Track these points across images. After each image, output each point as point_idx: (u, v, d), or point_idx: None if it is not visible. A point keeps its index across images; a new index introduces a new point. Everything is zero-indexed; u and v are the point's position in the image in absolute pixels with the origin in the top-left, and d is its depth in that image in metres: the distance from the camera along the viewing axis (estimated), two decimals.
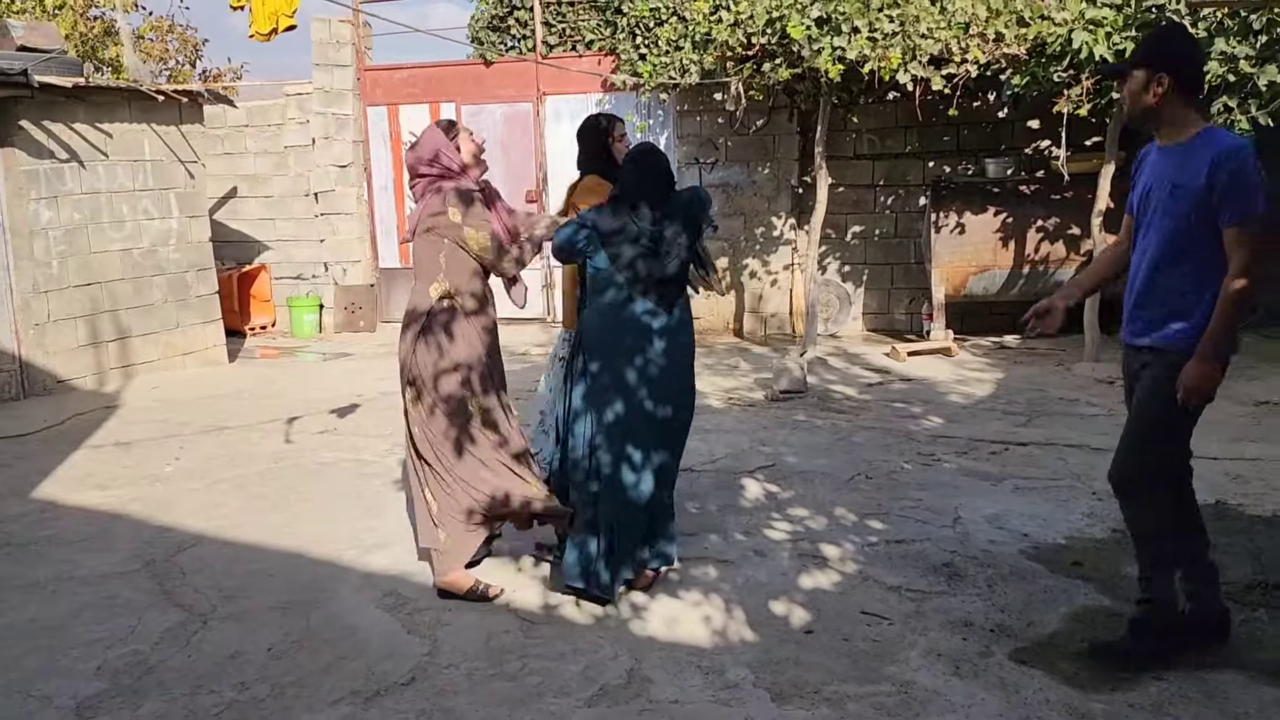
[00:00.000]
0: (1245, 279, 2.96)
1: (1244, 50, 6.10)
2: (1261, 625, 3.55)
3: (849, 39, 6.97)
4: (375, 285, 10.88)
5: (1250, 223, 2.95)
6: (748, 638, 3.59)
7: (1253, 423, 6.05)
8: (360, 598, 4.00)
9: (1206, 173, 3.00)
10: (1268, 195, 2.98)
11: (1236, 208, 2.96)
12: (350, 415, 6.94)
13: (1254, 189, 2.95)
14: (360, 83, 10.60)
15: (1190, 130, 3.10)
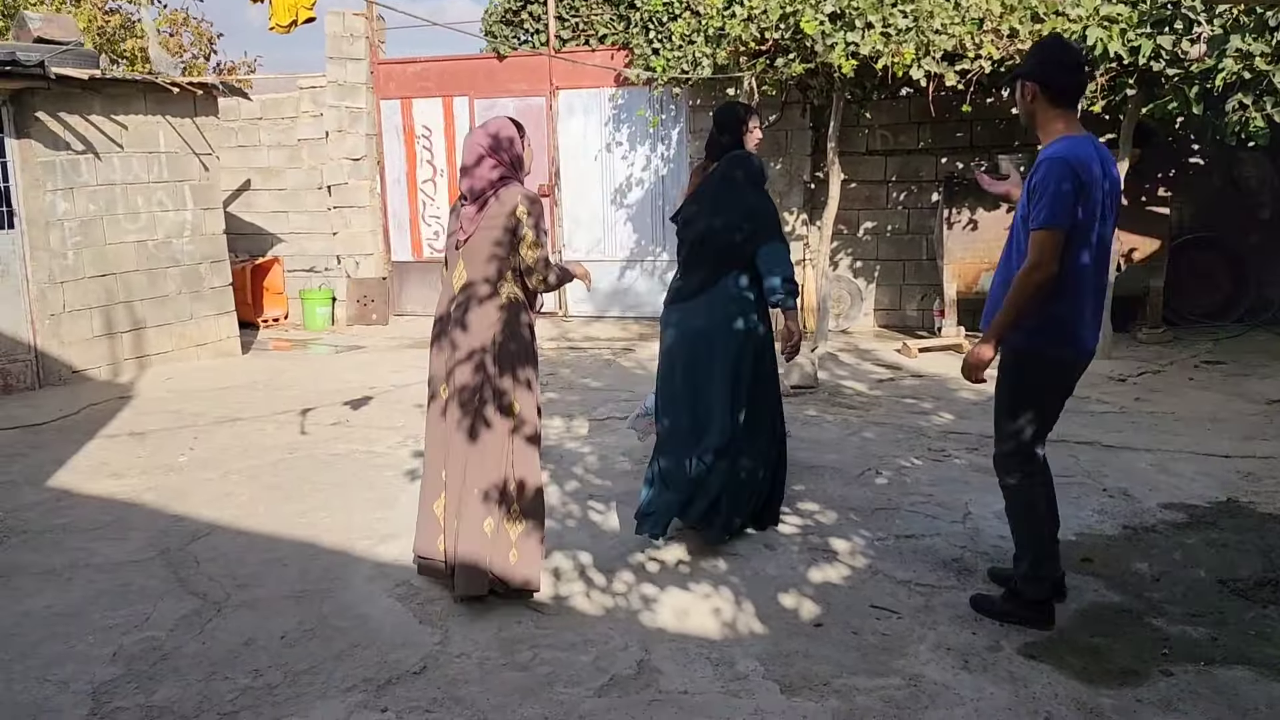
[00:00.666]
0: (1029, 276, 3.24)
1: (1259, 48, 6.07)
2: (1272, 622, 3.55)
3: (862, 34, 6.97)
4: (387, 278, 10.92)
5: (1042, 229, 3.20)
6: (757, 630, 3.61)
7: (1265, 421, 6.04)
8: (372, 587, 4.03)
9: (1029, 178, 3.30)
10: (1070, 207, 3.19)
11: (1036, 213, 3.23)
12: (363, 408, 6.98)
13: (1049, 198, 3.18)
14: (374, 76, 10.63)
15: (1052, 137, 3.33)
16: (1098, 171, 3.26)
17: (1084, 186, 3.20)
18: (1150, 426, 6.00)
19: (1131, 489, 4.93)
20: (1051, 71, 3.32)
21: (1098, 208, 3.28)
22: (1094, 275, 3.38)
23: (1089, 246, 3.30)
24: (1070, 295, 3.34)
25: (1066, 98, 3.34)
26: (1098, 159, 3.29)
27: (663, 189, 10.07)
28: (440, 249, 10.84)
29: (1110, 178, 3.36)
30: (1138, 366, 7.49)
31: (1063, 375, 3.46)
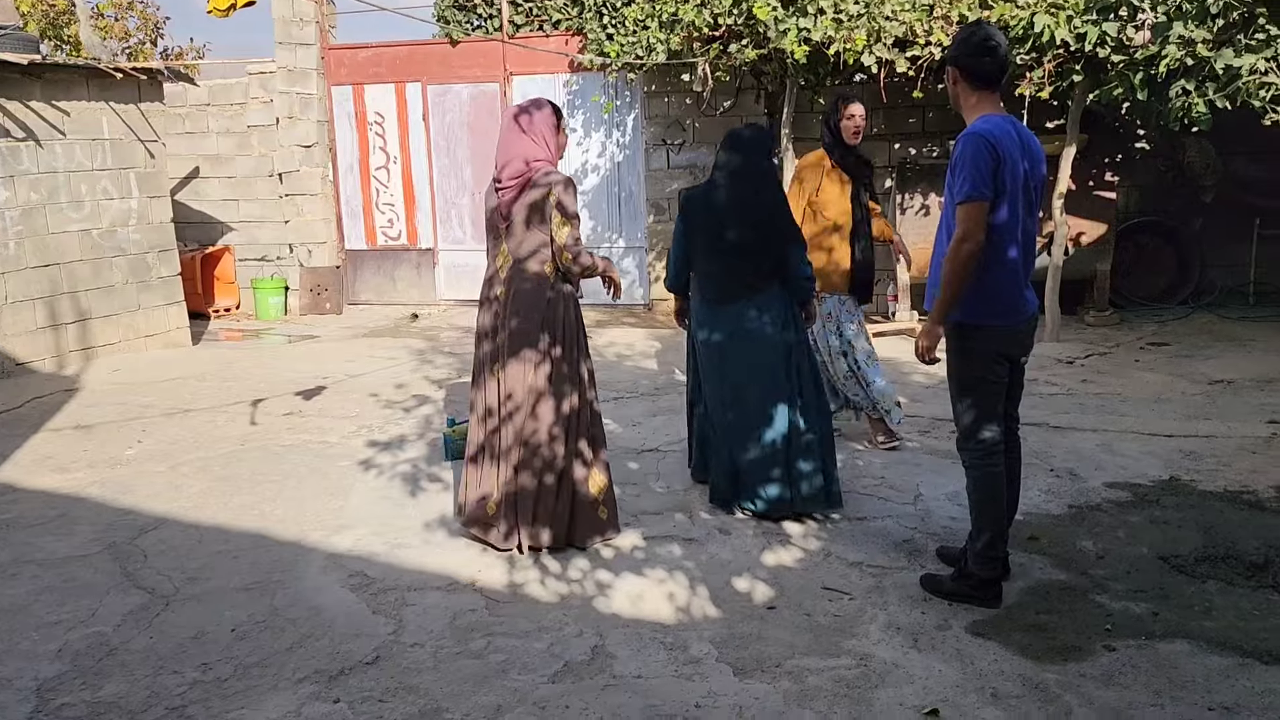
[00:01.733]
0: (958, 249, 3.34)
1: (1201, 34, 6.18)
2: (1210, 597, 3.64)
3: (815, 20, 6.99)
4: (341, 267, 10.80)
5: (965, 201, 3.31)
6: (711, 614, 3.63)
7: (1207, 401, 6.17)
8: (325, 578, 4.00)
9: (951, 156, 3.43)
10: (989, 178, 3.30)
11: (959, 187, 3.34)
12: (316, 398, 6.91)
13: (969, 170, 3.30)
14: (324, 61, 10.48)
15: (973, 118, 3.46)
16: (1015, 148, 3.36)
17: (1001, 159, 3.31)
18: (1097, 408, 6.11)
19: (1078, 469, 5.02)
20: (966, 56, 3.43)
21: (1020, 182, 3.38)
22: (1023, 243, 3.47)
23: (1015, 215, 3.40)
24: (1002, 263, 3.43)
25: (985, 80, 3.44)
26: (1016, 137, 3.40)
27: (619, 175, 10.05)
28: (394, 237, 10.75)
29: (1032, 158, 3.44)
30: (1085, 349, 7.62)
31: (1005, 343, 3.53)
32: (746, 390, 4.42)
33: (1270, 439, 5.36)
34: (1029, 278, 3.59)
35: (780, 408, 4.40)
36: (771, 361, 4.40)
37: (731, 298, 4.41)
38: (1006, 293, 3.47)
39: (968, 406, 3.59)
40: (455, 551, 4.22)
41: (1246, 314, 8.57)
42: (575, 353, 4.02)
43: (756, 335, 4.39)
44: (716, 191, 4.41)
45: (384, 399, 6.83)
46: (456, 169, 10.45)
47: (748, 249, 4.35)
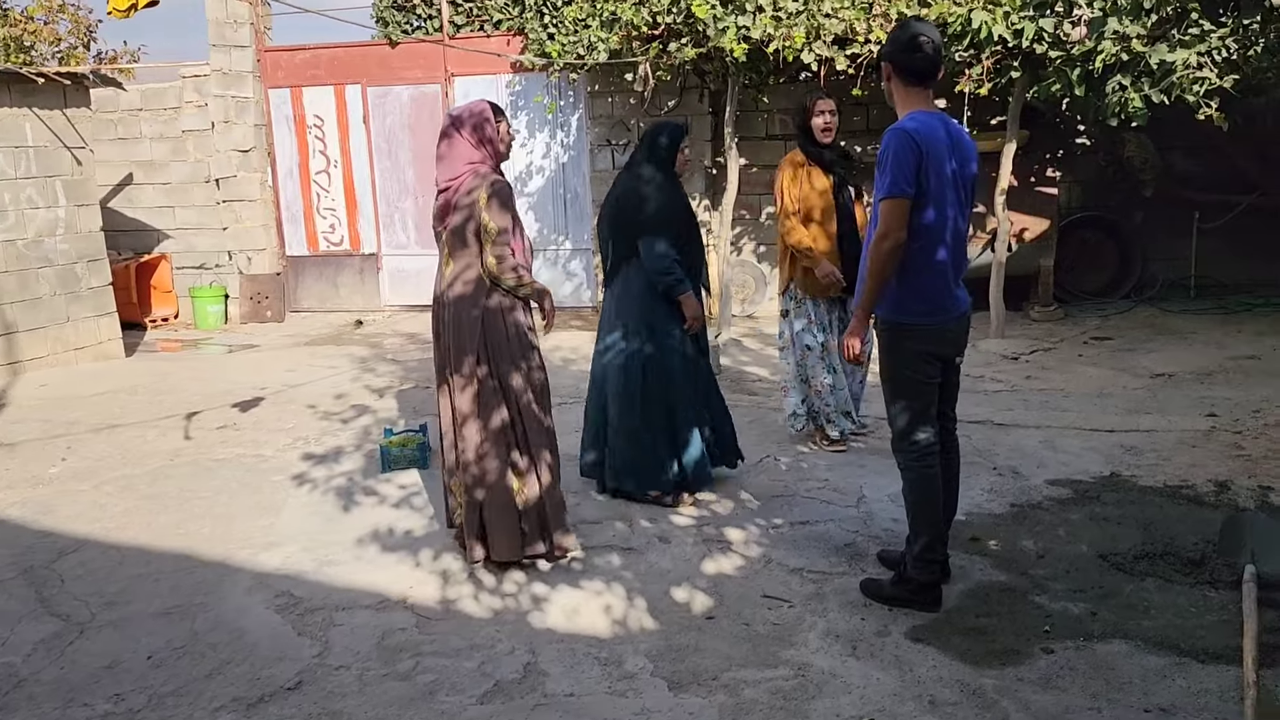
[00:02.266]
0: (879, 246, 3.32)
1: (1136, 29, 6.21)
2: (1148, 594, 3.62)
3: (753, 18, 6.94)
4: (282, 274, 10.58)
5: (886, 198, 3.28)
6: (648, 626, 3.55)
7: (1149, 395, 6.20)
8: (250, 599, 3.86)
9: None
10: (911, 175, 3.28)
11: (880, 183, 3.32)
12: (253, 409, 6.73)
13: (891, 167, 3.27)
14: (260, 64, 10.26)
15: (904, 114, 3.42)
16: (942, 145, 3.32)
17: (926, 156, 3.27)
18: (1040, 404, 6.12)
19: (1020, 467, 5.00)
20: (898, 52, 3.39)
21: (948, 180, 3.33)
22: (953, 242, 3.42)
23: (943, 215, 3.35)
24: (930, 263, 3.38)
25: (916, 76, 3.39)
26: (944, 134, 3.35)
27: (563, 177, 9.94)
28: (336, 242, 10.56)
29: (962, 155, 3.39)
30: (1030, 345, 7.64)
31: (935, 343, 3.48)
32: (599, 376, 4.70)
33: (1209, 432, 5.38)
34: (960, 276, 3.54)
35: (608, 394, 4.62)
36: (616, 348, 4.56)
37: (608, 285, 4.68)
38: (935, 292, 3.43)
39: (901, 408, 3.54)
40: (387, 568, 4.10)
41: (1187, 307, 8.66)
42: (506, 365, 3.89)
43: (609, 323, 4.63)
44: (613, 188, 4.70)
45: (323, 410, 6.66)
46: (399, 172, 10.28)
47: (608, 239, 4.63)
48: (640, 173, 4.55)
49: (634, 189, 4.53)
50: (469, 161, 3.86)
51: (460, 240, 3.87)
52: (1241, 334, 7.65)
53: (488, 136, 3.88)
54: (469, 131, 3.87)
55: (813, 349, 5.25)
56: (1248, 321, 8.06)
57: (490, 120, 3.89)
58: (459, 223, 3.85)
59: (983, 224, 8.36)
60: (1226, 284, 9.01)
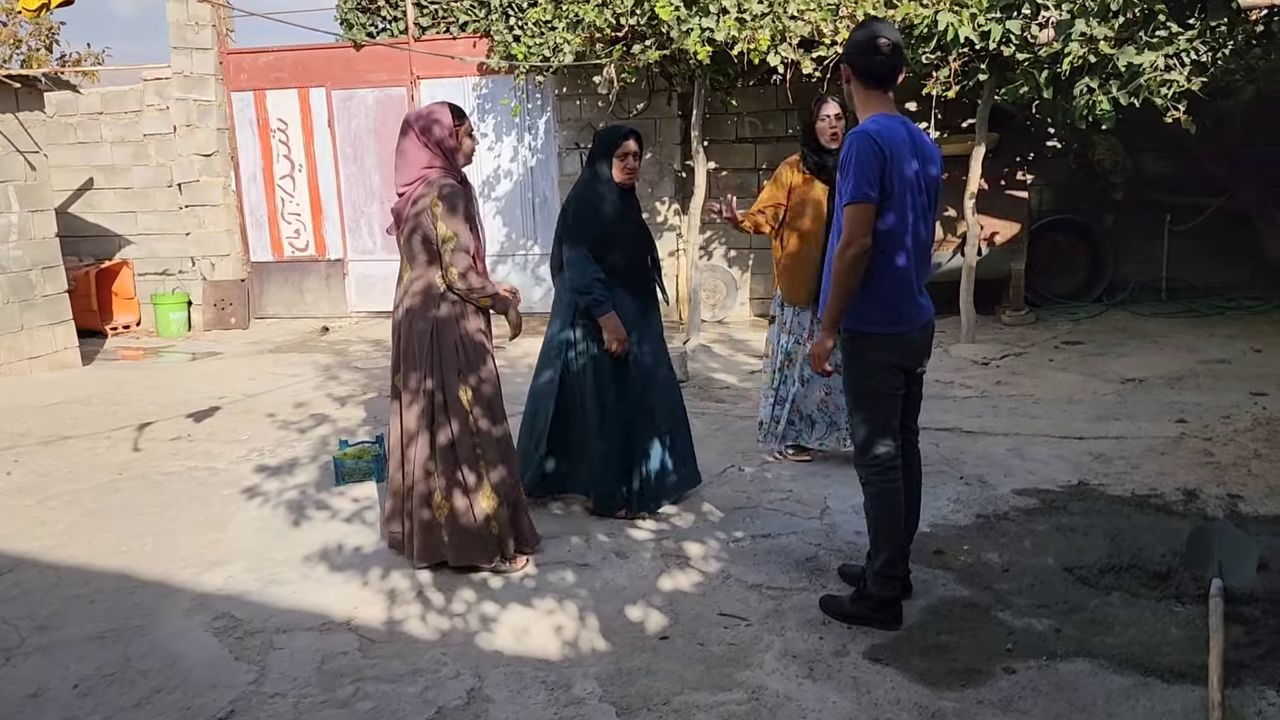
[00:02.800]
0: (843, 253, 3.21)
1: (1103, 31, 6.14)
2: (1113, 609, 3.53)
3: (717, 20, 6.84)
4: (246, 280, 10.40)
5: (850, 203, 3.18)
6: (600, 647, 3.43)
7: (1118, 401, 6.13)
8: (189, 622, 3.71)
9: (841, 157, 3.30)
10: (875, 180, 3.18)
11: (844, 189, 3.22)
12: (208, 419, 6.57)
13: (854, 172, 3.16)
14: (223, 67, 10.08)
15: (865, 117, 3.32)
16: (904, 148, 3.22)
17: (889, 160, 3.16)
18: (1009, 410, 6.04)
19: (988, 476, 4.91)
20: (856, 54, 3.29)
21: (911, 184, 3.23)
22: (915, 249, 3.32)
23: (904, 220, 3.25)
24: (891, 270, 3.28)
25: (876, 79, 3.29)
26: (908, 137, 3.25)
27: (532, 180, 9.82)
28: (302, 248, 10.39)
29: (924, 158, 3.30)
30: (1000, 349, 7.57)
31: (898, 353, 3.37)
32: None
33: (1179, 439, 5.31)
34: (923, 283, 3.44)
35: (542, 401, 4.54)
36: (550, 354, 4.49)
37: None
38: (898, 300, 3.32)
39: (862, 420, 3.44)
40: (333, 587, 3.96)
41: (1159, 310, 8.62)
42: (453, 378, 3.77)
43: (548, 331, 4.55)
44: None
45: (281, 419, 6.51)
46: (364, 176, 10.12)
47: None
48: (581, 177, 4.50)
49: (569, 195, 4.50)
50: (423, 167, 3.74)
51: (410, 250, 3.77)
52: (1213, 337, 7.61)
53: (439, 139, 3.73)
54: (421, 135, 3.75)
55: (794, 357, 5.11)
56: (1219, 324, 8.02)
57: (443, 123, 3.75)
58: (409, 232, 3.74)
59: (953, 228, 8.29)
60: (1198, 286, 8.98)
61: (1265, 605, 3.45)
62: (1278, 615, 3.34)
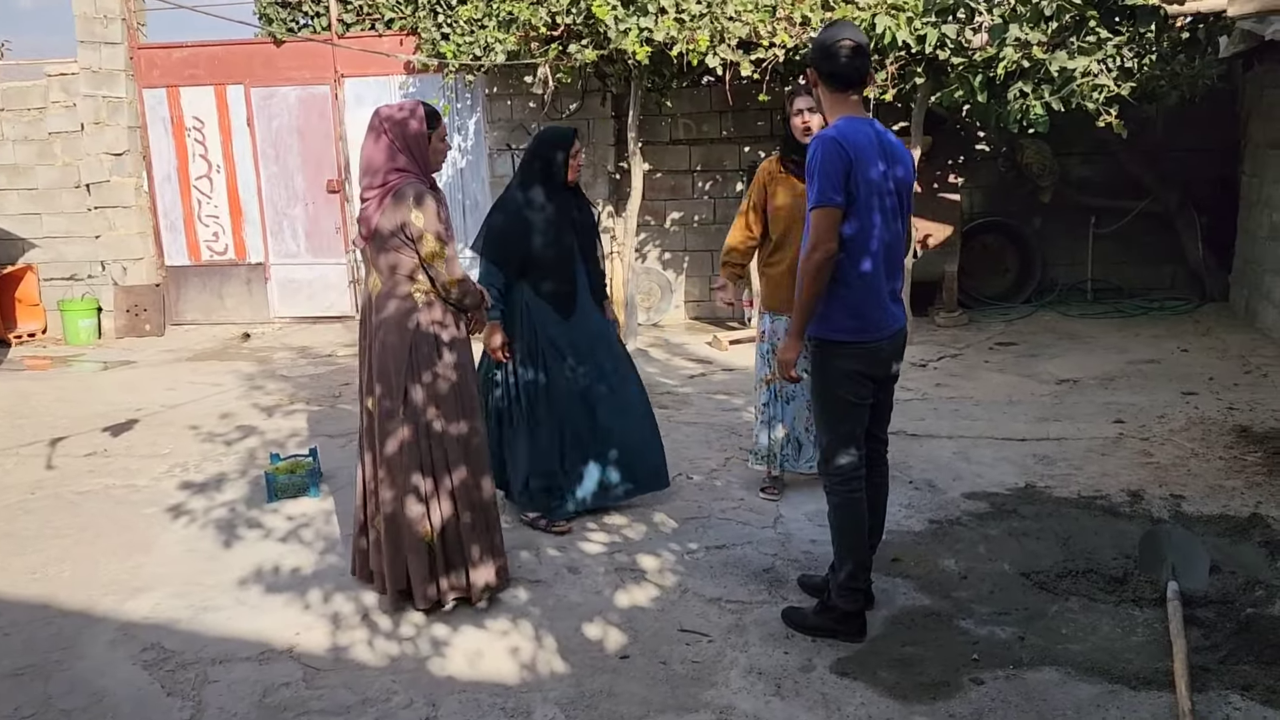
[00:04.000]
0: (809, 258, 3.16)
1: (1036, 36, 6.20)
2: (1074, 615, 3.52)
3: (656, 20, 6.74)
4: (161, 285, 9.97)
5: (815, 207, 3.13)
6: (558, 669, 3.30)
7: (1056, 401, 6.20)
8: (114, 654, 3.47)
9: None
10: (840, 184, 3.13)
11: (809, 193, 3.17)
12: (125, 433, 6.24)
13: (819, 177, 3.11)
14: (134, 62, 9.65)
15: (833, 120, 3.26)
16: (871, 151, 3.16)
17: (855, 164, 3.10)
18: (951, 413, 6.06)
19: (936, 480, 4.90)
20: (820, 58, 3.23)
21: (877, 187, 3.17)
22: (884, 253, 3.26)
23: (870, 224, 3.18)
24: (857, 276, 3.22)
25: (841, 81, 3.22)
26: (875, 141, 3.20)
27: (462, 181, 9.60)
28: (220, 251, 10.00)
29: (896, 161, 3.25)
30: (937, 351, 7.62)
31: (867, 362, 3.31)
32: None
33: (1118, 439, 5.38)
34: (895, 289, 3.38)
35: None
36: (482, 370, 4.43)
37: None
38: (866, 307, 3.25)
39: (827, 429, 3.37)
40: (271, 612, 3.75)
41: (1086, 311, 8.79)
42: (417, 386, 3.56)
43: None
44: None
45: (205, 431, 6.22)
46: (287, 177, 9.78)
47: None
48: (514, 196, 4.34)
49: (496, 212, 4.34)
50: (396, 169, 3.49)
51: (382, 262, 3.51)
52: (1140, 338, 7.77)
53: (412, 142, 3.50)
54: (396, 135, 3.49)
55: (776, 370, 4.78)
56: (1145, 325, 8.20)
57: (418, 125, 3.51)
58: (384, 238, 3.47)
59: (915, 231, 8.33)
60: (1122, 288, 9.19)
61: (1220, 608, 3.48)
62: (1233, 618, 3.37)
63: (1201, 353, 7.22)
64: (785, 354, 3.34)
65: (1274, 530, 4.09)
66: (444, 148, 3.66)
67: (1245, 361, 6.88)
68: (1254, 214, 8.08)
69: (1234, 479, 4.73)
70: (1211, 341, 7.53)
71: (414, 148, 3.51)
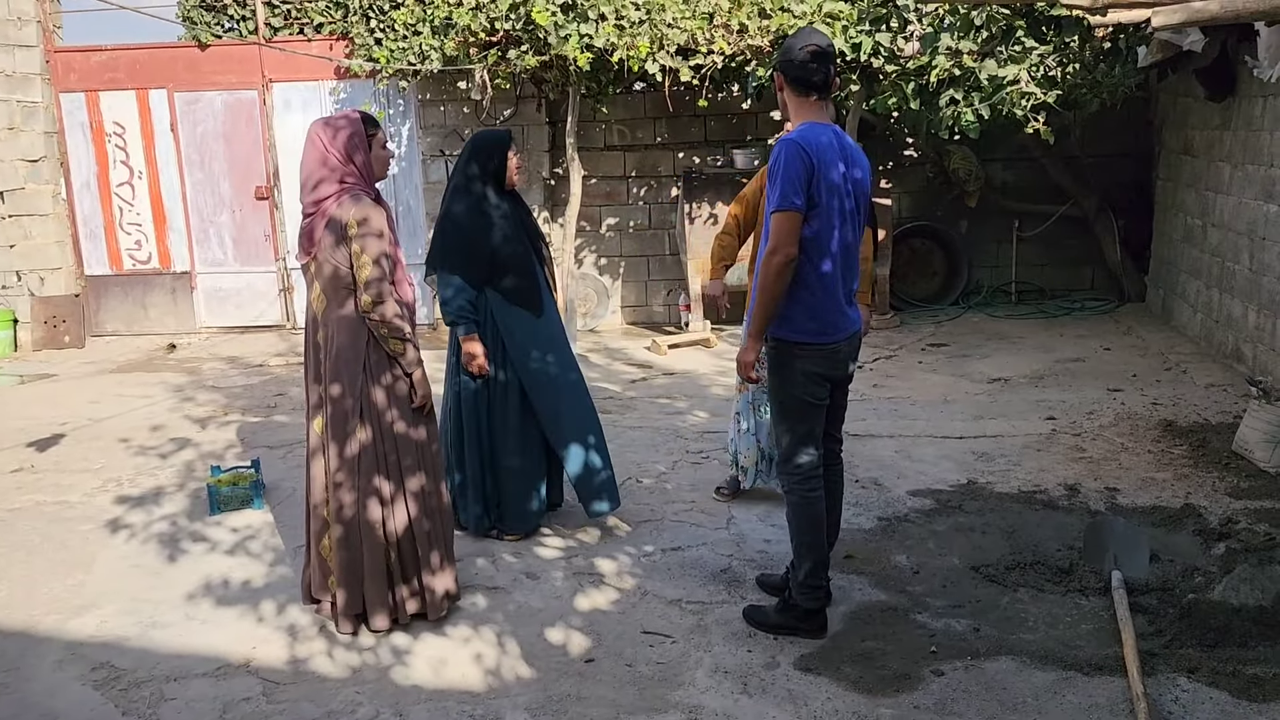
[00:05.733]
0: (769, 261, 3.21)
1: (967, 45, 6.40)
2: (1024, 605, 3.64)
3: (596, 26, 6.77)
4: (81, 295, 9.65)
5: (776, 210, 3.18)
6: (524, 674, 3.29)
7: (989, 400, 6.38)
8: (63, 675, 3.37)
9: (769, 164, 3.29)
10: (801, 188, 3.19)
11: (770, 196, 3.22)
12: (52, 448, 6.03)
13: (781, 180, 3.18)
14: (50, 66, 9.32)
15: (796, 124, 3.33)
16: (832, 156, 3.22)
17: (815, 168, 3.16)
18: (890, 412, 6.19)
19: (882, 478, 5.01)
20: (785, 62, 3.30)
21: (838, 191, 3.24)
22: (842, 257, 3.32)
23: (830, 228, 3.25)
24: (816, 279, 3.28)
25: (805, 86, 3.28)
26: (835, 144, 3.26)
27: (394, 188, 9.48)
28: (144, 260, 9.72)
29: (855, 165, 3.33)
30: (872, 353, 7.78)
31: (824, 363, 3.37)
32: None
33: (1051, 435, 5.56)
34: (851, 292, 3.45)
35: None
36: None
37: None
38: (825, 310, 3.32)
39: (786, 430, 3.43)
40: (224, 626, 3.67)
41: (1012, 312, 9.05)
42: (372, 404, 3.50)
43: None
44: None
45: (136, 444, 6.04)
46: (213, 184, 9.54)
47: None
48: (460, 200, 4.23)
49: (446, 218, 4.23)
50: (337, 181, 3.38)
51: (325, 280, 3.41)
52: (1064, 337, 8.03)
53: (351, 150, 3.39)
54: (331, 145, 3.39)
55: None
56: (1068, 325, 8.48)
57: (356, 131, 3.41)
58: (326, 255, 3.36)
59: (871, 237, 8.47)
60: (1044, 289, 9.49)
61: (1161, 595, 3.62)
62: (1175, 604, 3.51)
63: (1123, 351, 7.49)
64: (743, 355, 3.40)
65: (1206, 519, 4.27)
66: (386, 155, 3.56)
67: (1165, 358, 7.16)
68: (1168, 217, 8.42)
69: (1163, 471, 4.93)
70: (1132, 340, 7.82)
71: (355, 158, 3.41)
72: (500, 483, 4.31)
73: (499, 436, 4.27)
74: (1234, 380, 6.39)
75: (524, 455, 4.30)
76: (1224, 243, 7.04)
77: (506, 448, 4.26)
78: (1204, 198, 7.47)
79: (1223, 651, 3.21)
